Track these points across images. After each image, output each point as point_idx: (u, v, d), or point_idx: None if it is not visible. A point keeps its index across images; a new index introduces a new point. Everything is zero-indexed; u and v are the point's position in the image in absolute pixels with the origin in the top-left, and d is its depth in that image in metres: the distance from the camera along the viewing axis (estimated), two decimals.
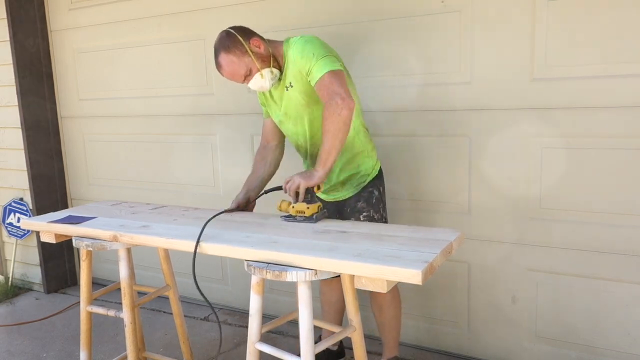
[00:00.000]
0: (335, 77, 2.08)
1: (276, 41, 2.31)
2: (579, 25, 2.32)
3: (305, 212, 2.15)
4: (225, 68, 2.21)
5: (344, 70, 2.17)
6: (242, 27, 2.27)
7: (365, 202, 2.37)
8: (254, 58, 2.19)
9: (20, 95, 3.79)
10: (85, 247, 2.22)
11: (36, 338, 3.32)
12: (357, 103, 2.28)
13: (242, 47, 2.18)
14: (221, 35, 2.23)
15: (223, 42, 2.20)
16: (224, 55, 2.19)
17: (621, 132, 2.31)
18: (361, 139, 2.35)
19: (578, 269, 2.49)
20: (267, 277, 1.79)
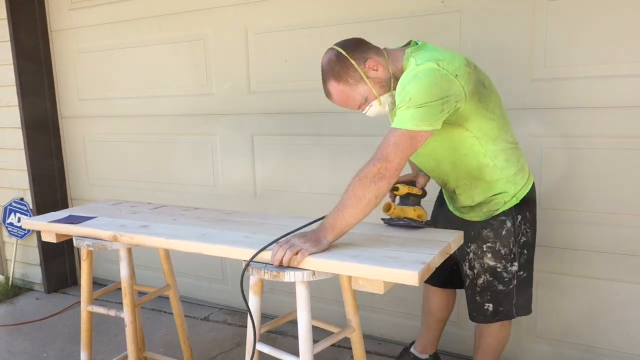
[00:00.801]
0: (405, 141, 1.72)
1: (397, 50, 1.94)
2: (579, 25, 2.31)
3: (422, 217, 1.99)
4: (336, 98, 1.91)
5: (429, 131, 1.74)
6: (355, 43, 1.90)
7: (492, 232, 2.02)
8: (370, 85, 1.86)
9: (20, 95, 3.79)
10: (85, 247, 2.22)
11: (36, 338, 3.32)
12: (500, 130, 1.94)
13: (356, 74, 1.85)
14: (329, 56, 1.88)
15: (332, 67, 1.86)
16: (334, 84, 1.87)
17: (621, 132, 2.31)
18: (497, 165, 1.95)
19: (578, 269, 2.49)
20: (265, 278, 1.79)
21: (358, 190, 1.76)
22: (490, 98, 1.91)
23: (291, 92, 3.04)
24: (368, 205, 1.75)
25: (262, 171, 3.24)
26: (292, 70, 3.01)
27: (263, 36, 3.07)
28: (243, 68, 3.16)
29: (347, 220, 1.76)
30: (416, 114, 1.72)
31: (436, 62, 1.76)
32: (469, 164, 1.95)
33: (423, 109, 1.71)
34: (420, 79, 1.73)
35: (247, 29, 3.12)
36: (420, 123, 1.72)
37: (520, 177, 2.02)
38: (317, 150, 3.03)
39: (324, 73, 1.91)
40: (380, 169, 1.73)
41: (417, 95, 1.72)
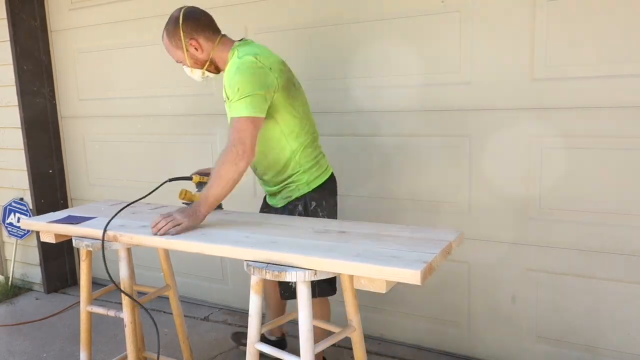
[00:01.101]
0: (249, 125, 2.03)
1: (229, 42, 2.26)
2: (579, 25, 2.31)
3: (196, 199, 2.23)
4: (165, 44, 2.26)
5: (262, 117, 2.07)
6: (196, 19, 2.21)
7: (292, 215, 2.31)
8: (186, 56, 2.22)
9: (20, 95, 3.79)
10: (85, 247, 2.23)
11: (36, 338, 3.32)
12: (302, 128, 2.25)
13: (180, 42, 2.20)
14: (176, 15, 2.22)
15: (170, 23, 2.23)
16: (165, 35, 2.24)
17: (621, 132, 2.31)
18: (298, 161, 2.26)
19: (578, 269, 2.49)
20: (266, 277, 1.79)
21: (223, 172, 2.03)
22: (297, 97, 2.24)
23: None
24: (233, 183, 2.05)
25: None
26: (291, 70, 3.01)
27: (263, 36, 3.07)
28: None
29: (216, 197, 2.07)
30: (247, 103, 2.02)
31: (254, 56, 2.09)
32: (275, 154, 2.25)
33: (250, 97, 2.03)
34: (243, 72, 2.05)
35: (247, 29, 3.12)
36: (252, 110, 2.03)
37: (315, 169, 2.31)
38: None
39: (168, 22, 2.24)
40: (238, 152, 2.01)
41: (243, 86, 2.02)
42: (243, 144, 2.01)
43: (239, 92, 2.03)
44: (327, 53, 2.89)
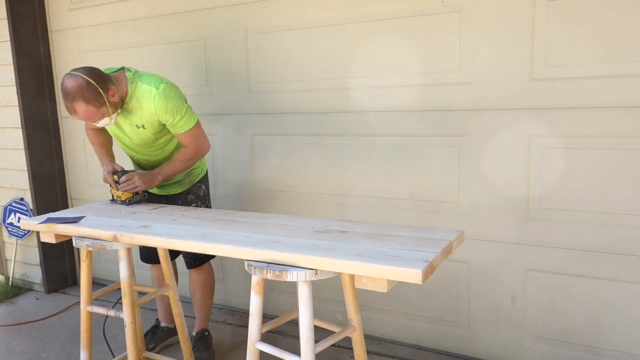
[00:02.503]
0: (198, 131, 2.58)
1: (119, 76, 2.47)
2: (579, 25, 2.32)
3: (121, 197, 2.62)
4: (80, 114, 2.35)
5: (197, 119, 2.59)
6: (99, 75, 2.37)
7: (194, 195, 2.83)
8: (109, 107, 2.38)
9: (20, 95, 3.79)
10: (85, 247, 2.23)
11: (36, 338, 3.32)
12: None
13: (102, 99, 2.34)
14: (80, 83, 2.29)
15: (83, 92, 2.29)
16: (82, 104, 2.31)
17: (621, 132, 2.31)
18: None
19: (578, 269, 2.49)
20: (267, 277, 1.79)
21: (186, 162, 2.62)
22: None
23: (291, 92, 3.04)
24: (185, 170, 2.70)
25: (262, 171, 3.24)
26: (292, 70, 3.02)
27: (263, 36, 3.07)
28: (243, 68, 3.17)
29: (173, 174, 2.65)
30: (189, 116, 2.53)
31: (164, 82, 2.49)
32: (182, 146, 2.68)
33: (187, 110, 2.52)
34: (171, 97, 2.46)
35: (247, 29, 3.12)
36: (194, 117, 2.57)
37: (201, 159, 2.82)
38: (317, 150, 3.03)
39: (71, 95, 2.30)
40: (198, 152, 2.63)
41: (179, 107, 2.48)
42: (203, 143, 2.63)
43: (179, 113, 2.48)
44: (327, 53, 2.89)
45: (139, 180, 2.55)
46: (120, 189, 2.58)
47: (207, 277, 2.93)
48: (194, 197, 2.82)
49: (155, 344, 3.04)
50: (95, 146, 2.81)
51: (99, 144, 2.79)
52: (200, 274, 2.90)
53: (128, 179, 2.55)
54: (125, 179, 2.56)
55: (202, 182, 2.88)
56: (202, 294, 2.93)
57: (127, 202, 2.61)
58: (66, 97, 2.32)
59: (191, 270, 2.90)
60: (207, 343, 2.94)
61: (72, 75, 2.32)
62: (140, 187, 2.56)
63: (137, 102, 2.47)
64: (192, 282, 2.94)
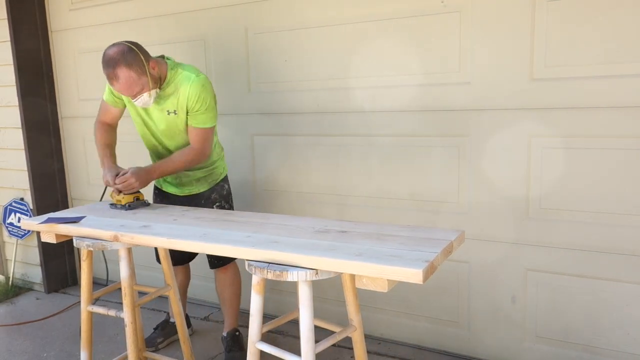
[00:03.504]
0: (211, 134, 2.59)
1: (159, 59, 2.52)
2: (579, 25, 2.32)
3: (121, 201, 2.54)
4: (122, 82, 2.34)
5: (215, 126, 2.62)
6: (140, 46, 2.43)
7: (218, 195, 2.80)
8: (149, 80, 2.39)
9: (20, 95, 3.79)
10: (85, 247, 2.23)
11: (37, 338, 3.32)
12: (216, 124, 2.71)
13: (143, 67, 2.36)
14: (122, 48, 2.34)
15: (125, 56, 2.32)
16: (124, 69, 2.32)
17: (621, 132, 2.31)
18: (217, 151, 2.78)
19: (578, 269, 2.49)
20: (268, 277, 1.79)
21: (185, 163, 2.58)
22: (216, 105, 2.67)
23: (291, 92, 3.04)
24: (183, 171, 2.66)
25: (262, 171, 3.24)
26: (292, 70, 3.02)
27: (263, 36, 3.07)
28: (243, 68, 3.17)
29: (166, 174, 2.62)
30: (212, 116, 2.55)
31: (204, 75, 2.54)
32: None
33: (213, 110, 2.56)
34: (207, 88, 2.50)
35: (247, 29, 3.12)
36: (214, 121, 2.58)
37: (223, 157, 2.87)
38: (317, 150, 3.03)
39: (113, 60, 2.32)
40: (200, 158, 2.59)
41: (209, 100, 2.51)
42: (208, 149, 2.60)
43: (206, 105, 2.50)
44: (327, 53, 2.89)
45: (132, 178, 2.47)
46: (115, 187, 2.52)
47: (235, 277, 2.90)
48: (217, 196, 2.80)
49: (163, 338, 3.07)
50: (99, 144, 2.72)
51: (104, 142, 2.71)
52: (227, 273, 2.88)
53: (122, 174, 2.49)
54: (120, 180, 2.48)
55: (225, 181, 2.86)
56: (231, 294, 2.92)
57: (126, 207, 2.54)
58: (108, 64, 2.32)
59: (217, 271, 2.88)
60: (240, 343, 2.93)
61: (113, 45, 2.37)
62: (135, 185, 2.48)
63: (174, 87, 2.49)
64: (219, 283, 2.92)
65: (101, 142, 2.72)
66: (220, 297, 2.95)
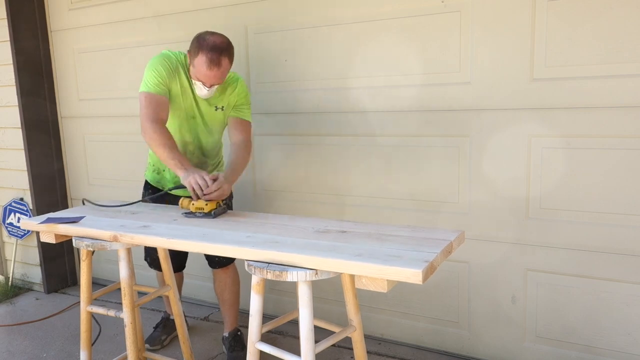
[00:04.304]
0: (251, 127, 2.68)
1: None
2: (579, 25, 2.32)
3: (204, 209, 2.28)
4: (222, 70, 2.39)
5: None
6: None
7: None
8: None
9: (20, 95, 3.79)
10: (85, 247, 2.22)
11: (36, 338, 3.32)
12: None
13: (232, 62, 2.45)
14: (227, 40, 2.41)
15: (230, 49, 2.40)
16: (227, 60, 2.39)
17: (621, 132, 2.31)
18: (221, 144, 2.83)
19: (578, 269, 2.49)
20: (267, 277, 1.79)
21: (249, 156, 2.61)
22: None
23: (291, 92, 3.04)
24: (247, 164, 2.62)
25: (262, 171, 3.24)
26: (292, 70, 3.02)
27: (263, 36, 3.07)
28: (243, 68, 3.16)
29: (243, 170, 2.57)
30: (250, 110, 2.69)
31: None
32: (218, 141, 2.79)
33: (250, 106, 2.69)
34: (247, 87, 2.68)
35: (247, 29, 3.12)
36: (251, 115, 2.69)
37: None
38: (317, 150, 3.03)
39: (222, 48, 2.35)
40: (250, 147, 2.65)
41: (249, 97, 2.68)
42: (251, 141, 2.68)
43: (249, 103, 2.66)
44: (327, 53, 2.89)
45: (226, 185, 2.30)
46: (207, 198, 2.24)
47: (234, 277, 2.91)
48: None
49: (167, 335, 3.08)
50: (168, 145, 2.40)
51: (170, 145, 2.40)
52: (228, 274, 2.88)
53: (218, 186, 2.25)
54: (216, 187, 2.24)
55: None
56: (231, 294, 2.92)
57: (212, 215, 2.26)
58: (215, 49, 2.33)
59: (216, 271, 2.88)
60: (242, 342, 2.94)
61: (214, 33, 2.39)
62: (227, 193, 2.33)
63: (222, 85, 2.53)
64: (218, 283, 2.91)
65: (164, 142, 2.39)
66: (220, 297, 2.95)
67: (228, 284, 2.89)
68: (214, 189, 2.25)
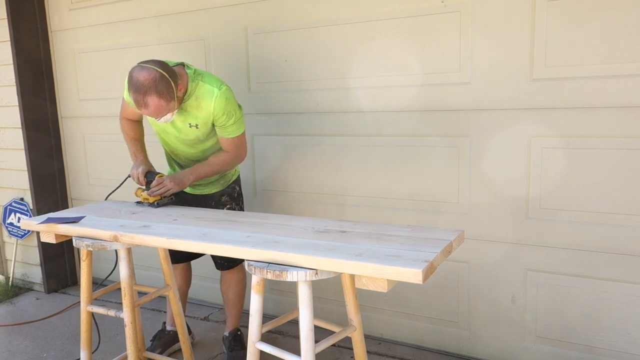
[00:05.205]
0: (242, 140, 2.60)
1: (181, 72, 2.42)
2: (579, 25, 2.32)
3: (149, 200, 2.55)
4: (151, 109, 2.30)
5: None
6: (170, 70, 2.33)
7: (228, 197, 2.79)
8: (176, 102, 2.36)
9: (20, 95, 3.79)
10: (85, 247, 2.23)
11: (36, 338, 3.32)
12: None
13: (172, 94, 2.31)
14: (153, 75, 2.24)
15: (157, 85, 2.24)
16: (155, 98, 2.26)
17: (621, 132, 2.31)
18: None
19: (578, 269, 2.49)
20: (267, 277, 1.79)
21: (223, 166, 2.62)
22: None
23: (291, 92, 3.04)
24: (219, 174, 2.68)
25: (262, 171, 3.24)
26: (292, 70, 3.02)
27: (263, 36, 3.07)
28: (243, 68, 3.17)
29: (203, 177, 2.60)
30: (240, 123, 2.55)
31: (225, 84, 2.49)
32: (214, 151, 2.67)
33: (241, 118, 2.55)
34: (231, 100, 2.48)
35: (247, 29, 3.12)
36: (243, 126, 2.59)
37: None
38: (317, 151, 3.03)
39: (144, 88, 2.24)
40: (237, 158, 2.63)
41: (235, 111, 2.50)
42: (244, 151, 2.63)
43: (234, 117, 2.49)
44: (327, 53, 2.89)
45: (170, 183, 2.51)
46: (150, 193, 2.53)
47: (241, 278, 2.90)
48: (228, 198, 2.79)
49: (161, 349, 2.96)
50: (127, 139, 2.74)
51: (133, 137, 2.73)
52: (235, 274, 2.87)
53: (159, 183, 2.52)
54: (156, 184, 2.52)
55: (236, 183, 2.84)
56: (236, 295, 2.91)
57: (155, 205, 2.55)
58: (138, 90, 2.24)
59: (224, 272, 2.88)
60: (242, 342, 2.93)
61: (143, 68, 2.26)
62: (172, 189, 2.52)
63: (195, 100, 2.44)
64: (224, 283, 2.91)
65: (129, 135, 2.73)
66: (225, 297, 2.94)
67: (232, 285, 2.89)
68: (154, 188, 2.52)
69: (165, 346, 2.99)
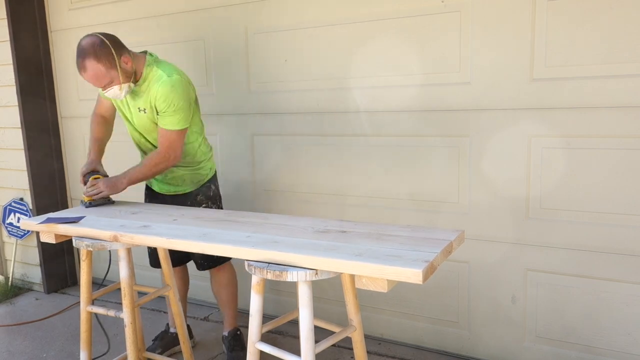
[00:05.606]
0: (179, 137, 2.52)
1: (139, 55, 2.52)
2: (579, 25, 2.32)
3: (84, 199, 2.62)
4: (90, 73, 2.38)
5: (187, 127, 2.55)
6: (115, 40, 2.43)
7: (203, 196, 2.77)
8: (120, 73, 2.39)
9: (20, 95, 3.79)
10: (85, 247, 2.23)
11: (36, 338, 3.32)
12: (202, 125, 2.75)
13: (113, 61, 2.37)
14: (93, 40, 2.36)
15: (95, 49, 2.34)
16: (93, 61, 2.34)
17: (621, 132, 2.31)
18: (202, 151, 2.74)
19: (578, 269, 2.49)
20: (267, 277, 1.79)
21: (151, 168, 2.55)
22: (197, 104, 2.68)
23: (291, 92, 3.04)
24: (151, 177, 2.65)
25: (262, 171, 3.24)
26: (292, 70, 3.02)
27: (263, 36, 3.07)
28: (243, 68, 3.17)
29: (136, 180, 2.59)
30: (180, 118, 2.47)
31: (179, 74, 2.47)
32: (191, 148, 2.68)
33: (183, 112, 2.47)
34: (177, 90, 2.43)
35: (247, 29, 3.12)
36: (184, 123, 2.50)
37: (210, 158, 2.81)
38: (317, 150, 3.03)
39: (84, 51, 2.34)
40: (169, 158, 2.52)
41: (178, 102, 2.44)
42: (175, 152, 2.52)
43: (174, 107, 2.44)
44: (327, 53, 2.89)
45: (103, 186, 2.56)
46: (84, 192, 2.59)
47: (231, 277, 2.90)
48: (203, 197, 2.77)
49: (162, 349, 2.98)
50: (90, 137, 2.80)
51: (97, 136, 2.78)
52: (223, 273, 2.87)
53: (92, 184, 2.58)
54: (90, 185, 2.58)
55: (211, 182, 2.82)
56: (228, 294, 2.92)
57: (86, 205, 2.60)
58: (79, 54, 2.35)
59: (212, 271, 2.87)
60: (242, 342, 2.93)
61: (88, 35, 2.39)
62: (104, 192, 2.57)
63: (146, 85, 2.49)
64: (215, 283, 2.92)
65: (92, 134, 2.80)
66: (218, 297, 2.95)
67: (223, 284, 2.89)
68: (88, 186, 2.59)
69: (166, 347, 2.99)
